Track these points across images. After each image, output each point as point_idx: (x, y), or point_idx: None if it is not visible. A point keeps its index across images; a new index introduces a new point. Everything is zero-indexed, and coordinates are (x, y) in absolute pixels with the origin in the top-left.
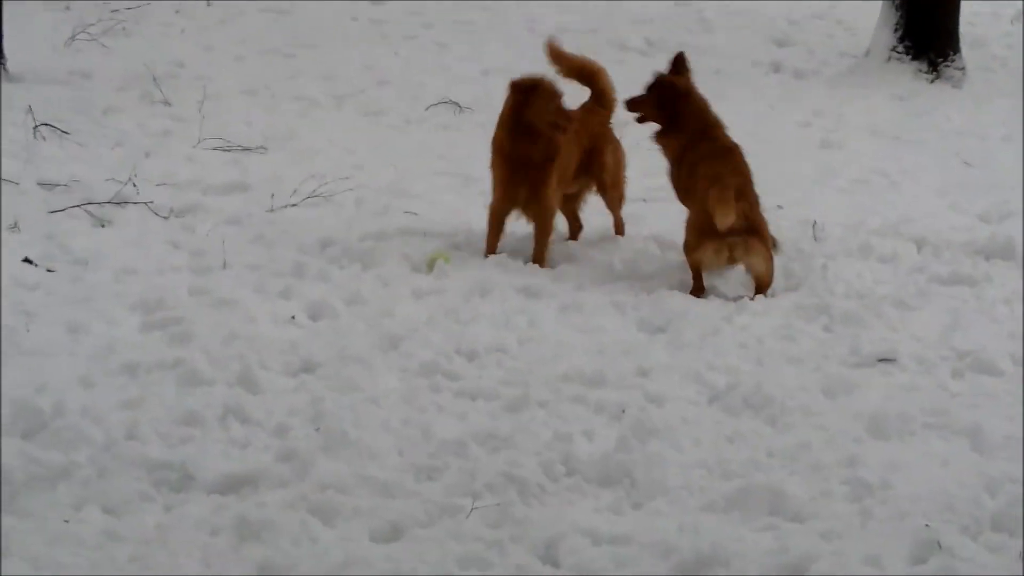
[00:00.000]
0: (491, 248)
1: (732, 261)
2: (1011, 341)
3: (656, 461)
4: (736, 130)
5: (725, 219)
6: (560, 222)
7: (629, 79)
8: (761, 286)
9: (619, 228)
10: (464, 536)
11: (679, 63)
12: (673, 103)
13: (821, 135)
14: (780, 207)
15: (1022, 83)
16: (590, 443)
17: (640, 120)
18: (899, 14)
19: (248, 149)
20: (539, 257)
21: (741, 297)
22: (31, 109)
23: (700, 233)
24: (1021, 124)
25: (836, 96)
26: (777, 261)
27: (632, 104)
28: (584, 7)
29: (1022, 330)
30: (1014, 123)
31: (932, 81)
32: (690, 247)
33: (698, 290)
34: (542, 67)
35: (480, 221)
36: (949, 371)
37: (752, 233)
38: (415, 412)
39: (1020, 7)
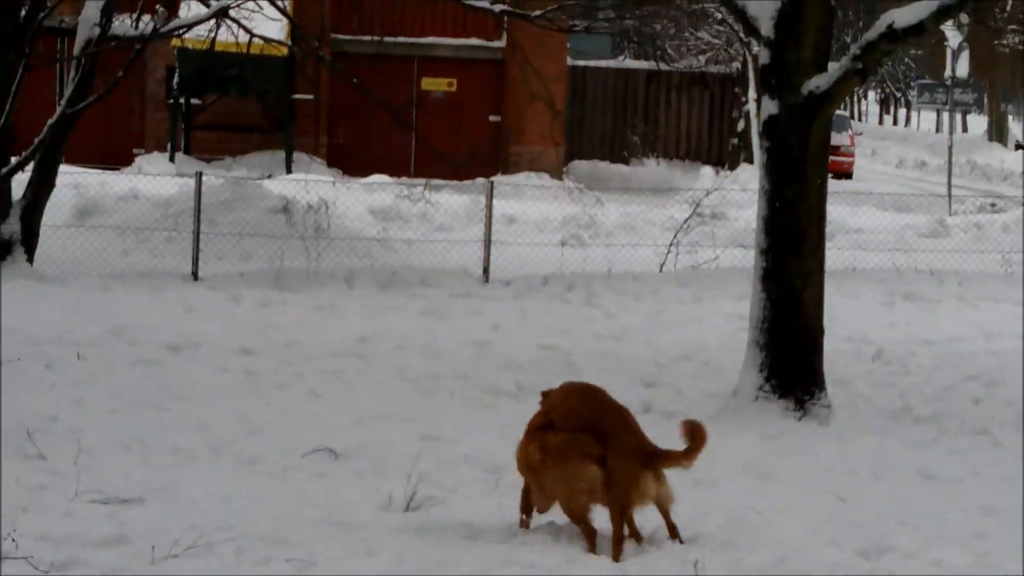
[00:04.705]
0: None
1: None
2: None
3: None
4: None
5: None
6: None
7: (503, 424)
8: None
9: None
10: None
11: None
12: None
13: (693, 475)
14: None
15: (886, 420)
16: None
17: None
18: (764, 355)
19: (126, 501)
20: None
21: None
22: None
23: None
24: (888, 460)
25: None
26: None
27: None
28: (454, 353)
29: None
30: (881, 459)
31: (800, 419)
32: None
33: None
34: (413, 412)
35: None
36: None
37: None
38: None
39: (880, 347)
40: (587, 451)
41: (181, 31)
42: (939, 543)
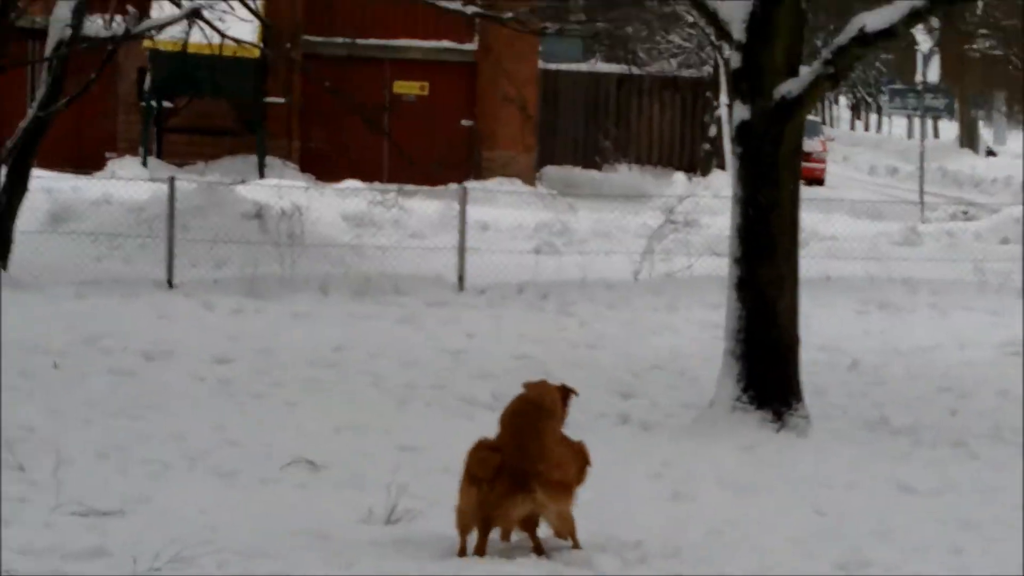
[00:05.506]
0: None
1: None
2: None
3: None
4: (589, 484)
5: None
6: None
7: (479, 433)
8: None
9: None
10: None
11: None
12: None
13: (672, 487)
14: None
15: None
16: None
17: None
18: (740, 365)
19: (106, 513)
20: None
21: None
22: None
23: None
24: (866, 472)
25: (684, 447)
26: None
27: None
28: (429, 362)
29: None
30: (859, 471)
31: (778, 430)
32: None
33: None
34: (390, 422)
35: None
36: None
37: None
38: None
39: (855, 357)
40: (474, 472)
41: (153, 32)
42: (917, 557)
